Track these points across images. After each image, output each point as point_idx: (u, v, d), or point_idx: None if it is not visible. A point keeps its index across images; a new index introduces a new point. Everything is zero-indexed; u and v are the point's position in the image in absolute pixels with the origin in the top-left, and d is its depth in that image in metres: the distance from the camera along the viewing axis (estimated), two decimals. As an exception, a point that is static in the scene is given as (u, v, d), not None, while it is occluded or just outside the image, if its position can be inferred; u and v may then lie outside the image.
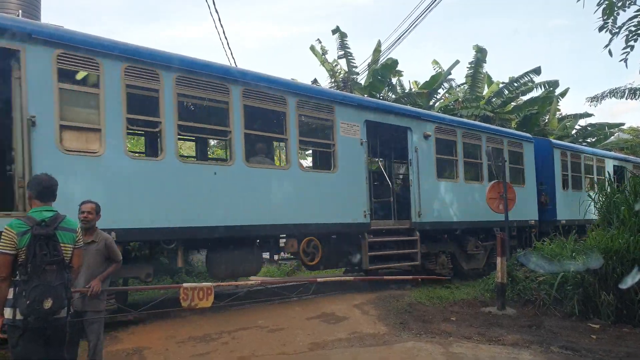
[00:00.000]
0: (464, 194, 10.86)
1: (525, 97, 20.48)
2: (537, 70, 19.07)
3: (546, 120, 22.44)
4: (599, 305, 7.20)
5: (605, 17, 7.23)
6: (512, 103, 20.55)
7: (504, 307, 7.77)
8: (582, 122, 24.55)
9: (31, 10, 16.54)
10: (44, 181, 3.45)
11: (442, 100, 21.18)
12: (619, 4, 7.20)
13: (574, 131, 23.78)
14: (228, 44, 31.11)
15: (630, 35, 7.19)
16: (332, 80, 18.84)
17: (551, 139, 15.67)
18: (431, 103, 20.15)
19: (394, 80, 20.20)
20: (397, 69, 17.94)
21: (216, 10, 15.38)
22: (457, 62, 19.89)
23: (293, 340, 6.05)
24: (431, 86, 19.34)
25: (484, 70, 19.88)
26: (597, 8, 7.23)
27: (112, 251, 4.46)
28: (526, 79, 19.35)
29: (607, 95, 17.83)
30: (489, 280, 9.19)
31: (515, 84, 19.57)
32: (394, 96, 19.61)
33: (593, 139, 23.96)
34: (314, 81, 19.04)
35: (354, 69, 18.77)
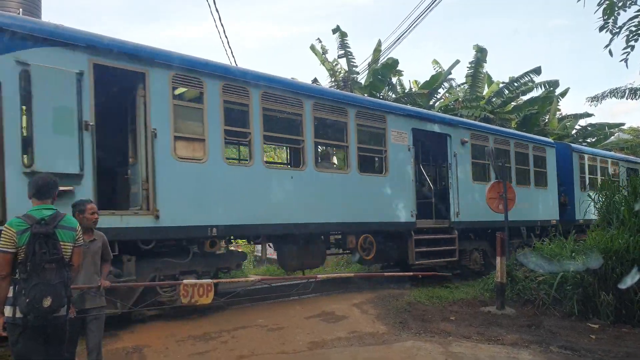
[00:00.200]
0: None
1: (525, 97, 20.48)
2: (537, 70, 19.08)
3: (546, 120, 22.41)
4: (599, 305, 7.21)
5: (606, 17, 7.23)
6: (512, 103, 20.54)
7: (503, 307, 7.78)
8: (582, 122, 24.55)
9: (32, 9, 16.48)
10: (40, 180, 3.44)
11: (442, 100, 21.16)
12: (619, 4, 7.20)
13: (574, 131, 23.75)
14: (228, 43, 31.11)
15: (631, 35, 7.19)
16: (332, 79, 18.82)
17: (570, 144, 16.29)
18: (431, 103, 20.14)
19: (394, 79, 20.20)
20: (398, 68, 17.95)
21: (217, 10, 15.39)
22: (458, 61, 19.94)
23: (292, 339, 6.06)
24: (431, 86, 19.33)
25: (484, 70, 19.89)
26: (597, 8, 7.24)
27: (107, 250, 4.39)
28: (526, 78, 19.36)
29: (607, 95, 17.82)
30: (488, 280, 9.21)
31: (516, 83, 19.57)
32: (394, 96, 19.59)
33: (593, 139, 23.90)
34: (314, 80, 19.01)
35: (354, 68, 18.76)
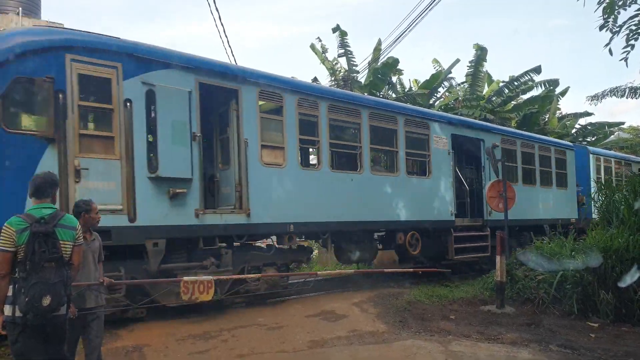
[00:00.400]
0: (522, 195, 12.14)
1: (525, 96, 20.48)
2: (537, 69, 19.07)
3: (546, 119, 22.39)
4: (598, 304, 7.21)
5: (606, 16, 7.24)
6: (512, 102, 20.53)
7: (503, 306, 7.78)
8: (582, 121, 24.53)
9: (32, 9, 16.55)
10: (38, 179, 3.43)
11: (442, 99, 21.15)
12: (619, 3, 7.20)
13: (573, 130, 23.74)
14: (228, 42, 31.15)
15: (631, 34, 7.19)
16: (332, 78, 18.80)
17: (588, 146, 17.00)
18: (431, 102, 20.13)
19: (394, 78, 20.18)
20: (398, 67, 17.94)
21: (217, 9, 15.39)
22: (458, 60, 19.96)
23: (292, 338, 6.07)
24: (431, 85, 19.32)
25: (484, 69, 19.88)
26: (597, 7, 7.24)
27: (101, 250, 4.36)
28: (526, 77, 19.36)
29: (607, 94, 17.76)
30: (488, 278, 9.20)
31: (516, 82, 19.57)
32: (394, 95, 19.58)
33: (593, 138, 23.89)
34: (314, 79, 18.99)
35: (354, 67, 18.74)
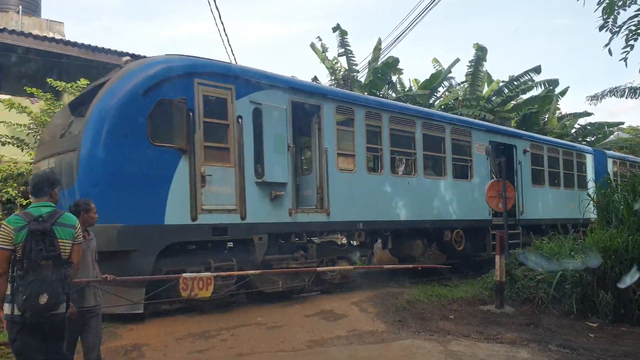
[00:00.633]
0: (548, 197, 13.64)
1: (525, 96, 20.47)
2: (537, 69, 19.07)
3: (546, 119, 22.41)
4: (597, 304, 7.21)
5: (606, 16, 7.24)
6: (512, 102, 20.53)
7: (502, 306, 7.77)
8: (582, 121, 24.54)
9: (32, 8, 16.51)
10: (36, 177, 3.44)
11: (442, 99, 21.14)
12: (619, 3, 7.20)
13: (573, 130, 23.74)
14: (228, 41, 31.23)
15: (630, 34, 7.20)
16: (332, 77, 18.80)
17: (605, 150, 17.87)
18: (431, 101, 20.13)
19: (394, 78, 20.17)
20: (398, 67, 17.93)
21: (217, 8, 15.39)
22: (458, 60, 19.90)
23: (292, 338, 6.06)
24: (431, 84, 19.32)
25: (484, 69, 19.86)
26: (597, 7, 7.24)
27: (96, 250, 4.35)
28: (526, 77, 19.35)
29: (607, 94, 17.75)
30: (487, 278, 9.19)
31: (515, 82, 19.55)
32: (394, 94, 19.57)
33: (592, 138, 23.90)
34: (314, 79, 19.01)
35: (354, 66, 18.74)
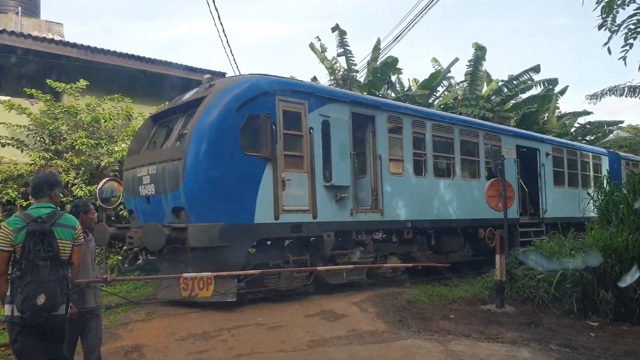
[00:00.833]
0: (567, 196, 14.25)
1: (524, 95, 20.45)
2: (536, 69, 19.05)
3: (545, 118, 22.41)
4: (598, 303, 7.20)
5: (605, 15, 7.22)
6: (512, 101, 20.52)
7: (502, 305, 7.77)
8: (581, 120, 24.57)
9: (31, 8, 16.48)
10: (36, 179, 3.45)
11: (441, 98, 21.14)
12: (618, 2, 7.18)
13: (572, 129, 23.74)
14: (227, 41, 31.07)
15: (630, 33, 7.19)
16: (332, 77, 18.79)
17: (619, 152, 18.60)
18: (430, 101, 20.12)
19: (393, 78, 20.15)
20: (397, 66, 17.91)
21: (216, 8, 15.35)
22: (457, 59, 19.92)
23: (292, 338, 6.06)
24: (431, 84, 19.29)
25: (483, 69, 19.86)
26: (596, 6, 7.23)
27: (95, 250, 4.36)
28: (525, 77, 19.32)
29: (606, 93, 17.78)
30: (487, 278, 9.19)
31: (515, 82, 19.53)
32: (393, 94, 19.56)
33: (592, 137, 23.91)
34: (314, 79, 19.00)
35: (353, 66, 18.73)
